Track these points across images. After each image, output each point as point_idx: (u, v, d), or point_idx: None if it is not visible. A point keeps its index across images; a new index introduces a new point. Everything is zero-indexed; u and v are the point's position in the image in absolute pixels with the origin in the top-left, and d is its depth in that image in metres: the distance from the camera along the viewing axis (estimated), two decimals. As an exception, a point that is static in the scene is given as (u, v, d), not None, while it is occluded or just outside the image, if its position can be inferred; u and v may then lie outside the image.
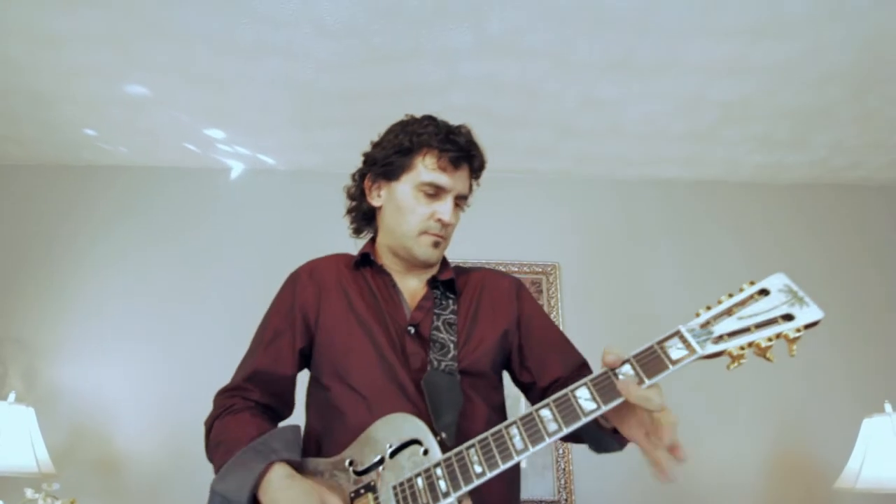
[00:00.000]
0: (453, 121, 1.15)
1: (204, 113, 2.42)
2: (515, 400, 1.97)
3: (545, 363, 1.07)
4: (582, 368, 1.06)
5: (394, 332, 1.02)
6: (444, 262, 1.16)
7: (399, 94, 2.30)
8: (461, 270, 1.18)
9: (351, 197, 1.20)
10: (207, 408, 2.64)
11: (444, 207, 1.04)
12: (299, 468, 0.89)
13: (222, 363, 2.53)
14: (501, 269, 2.66)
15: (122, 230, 2.67)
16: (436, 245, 1.06)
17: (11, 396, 2.05)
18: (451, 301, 1.08)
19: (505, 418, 1.05)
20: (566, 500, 2.31)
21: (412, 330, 1.02)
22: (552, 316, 2.60)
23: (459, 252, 1.43)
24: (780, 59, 2.10)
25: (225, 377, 2.64)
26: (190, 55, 2.09)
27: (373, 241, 1.17)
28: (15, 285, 2.55)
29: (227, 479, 0.86)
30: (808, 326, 0.73)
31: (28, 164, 2.76)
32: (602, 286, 2.67)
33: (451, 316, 1.06)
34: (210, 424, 1.02)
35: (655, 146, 2.64)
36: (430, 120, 1.10)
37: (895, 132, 2.52)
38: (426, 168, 1.05)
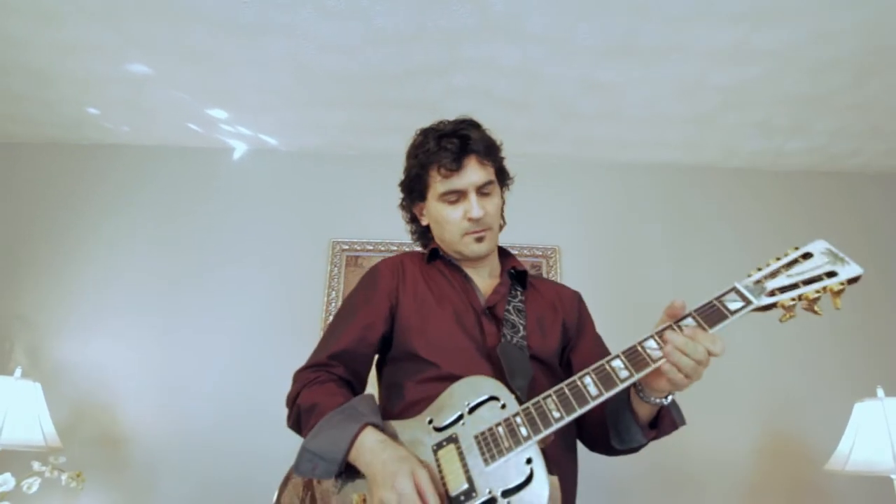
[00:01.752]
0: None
1: (206, 92, 2.43)
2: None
3: (587, 364, 1.14)
4: None
5: (472, 312, 1.11)
6: (512, 256, 1.26)
7: (401, 76, 2.30)
8: (533, 275, 1.27)
9: (408, 222, 1.30)
10: (209, 385, 2.70)
11: (469, 206, 1.11)
12: (384, 432, 0.94)
13: (224, 341, 2.60)
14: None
15: (125, 209, 2.69)
16: (479, 240, 1.14)
17: (18, 372, 2.08)
18: (519, 291, 1.17)
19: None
20: (561, 478, 2.36)
21: (488, 311, 1.11)
22: (550, 299, 2.64)
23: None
24: (782, 45, 2.10)
25: (227, 354, 2.69)
26: (191, 34, 2.09)
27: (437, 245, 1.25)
28: (19, 264, 2.58)
29: (320, 438, 0.92)
30: (850, 281, 0.83)
31: (30, 143, 2.77)
32: (602, 269, 2.70)
33: (520, 304, 1.14)
34: (295, 396, 1.05)
35: (655, 130, 2.65)
36: (426, 135, 1.18)
37: (894, 119, 2.52)
38: (437, 182, 1.13)
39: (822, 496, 2.35)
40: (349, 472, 0.93)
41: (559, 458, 0.95)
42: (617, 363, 0.85)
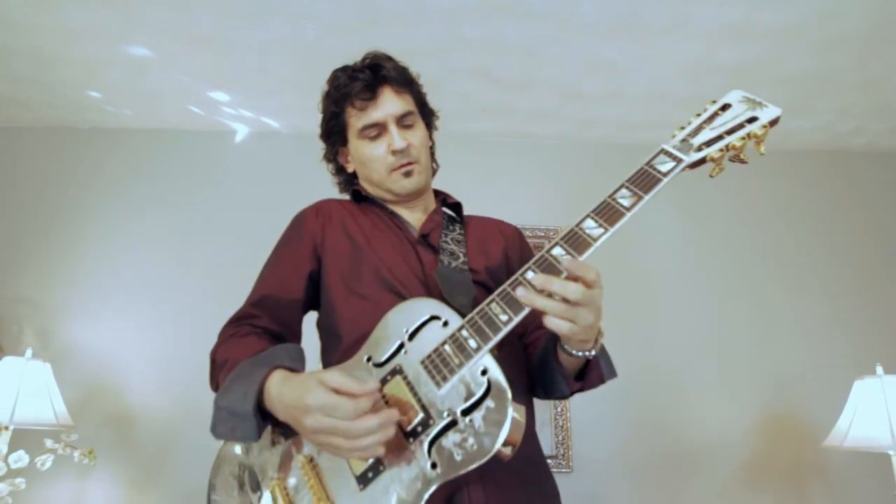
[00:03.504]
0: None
1: (207, 75, 2.43)
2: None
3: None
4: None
5: (406, 243, 1.04)
6: (445, 194, 1.19)
7: (401, 55, 2.27)
8: (470, 215, 1.20)
9: (335, 175, 1.23)
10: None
11: (391, 138, 1.04)
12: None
13: (227, 319, 2.60)
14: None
15: (129, 192, 2.71)
16: (408, 174, 1.06)
17: (28, 353, 2.11)
18: (457, 226, 1.11)
19: (516, 339, 1.04)
20: (563, 455, 2.39)
21: (423, 239, 1.04)
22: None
23: (460, 213, 1.45)
24: (786, 23, 2.08)
25: None
26: (191, 16, 2.09)
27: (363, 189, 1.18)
28: (26, 247, 2.61)
29: (231, 391, 0.84)
30: (771, 123, 0.83)
31: (34, 127, 2.78)
32: (602, 250, 2.69)
33: (459, 235, 1.08)
34: (214, 353, 1.00)
35: (658, 111, 2.63)
36: (337, 73, 1.12)
37: (901, 98, 2.50)
38: (353, 117, 1.07)
39: (821, 472, 2.38)
40: (284, 430, 0.86)
41: (518, 384, 0.86)
42: (557, 250, 0.80)
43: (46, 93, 2.55)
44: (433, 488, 0.72)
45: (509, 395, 0.72)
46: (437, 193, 1.20)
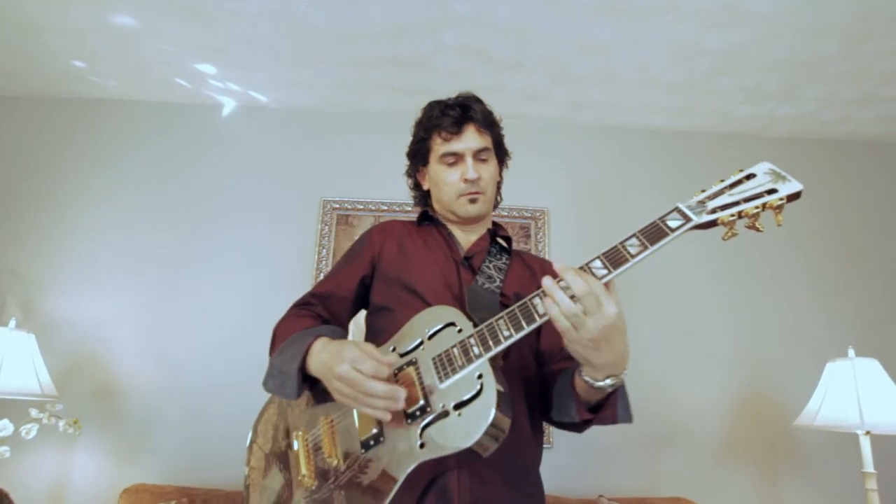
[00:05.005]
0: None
1: (194, 47, 2.39)
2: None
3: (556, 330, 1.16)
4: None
5: (451, 262, 1.18)
6: (502, 227, 1.32)
7: (392, 32, 2.27)
8: (521, 251, 1.33)
9: (412, 189, 1.37)
10: (200, 337, 2.75)
11: (466, 168, 1.19)
12: None
13: (215, 296, 2.64)
14: (491, 212, 2.71)
15: (114, 164, 2.69)
16: (473, 201, 1.21)
17: (12, 323, 2.11)
18: (504, 256, 1.23)
19: (537, 366, 1.16)
20: (545, 431, 2.44)
21: (466, 262, 1.19)
22: (538, 260, 2.69)
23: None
24: (775, 9, 2.09)
25: (218, 309, 2.74)
26: (179, -14, 2.05)
27: (432, 208, 1.33)
28: (9, 218, 2.59)
29: (283, 353, 1.02)
30: (790, 198, 0.85)
31: (16, 96, 2.74)
32: (590, 232, 2.73)
33: (503, 265, 1.20)
34: (276, 328, 1.16)
35: (647, 94, 2.64)
36: (432, 106, 1.27)
37: (886, 86, 2.53)
38: (438, 144, 1.22)
39: (792, 450, 2.46)
40: (318, 396, 1.03)
41: (519, 404, 1.02)
42: (566, 283, 0.88)
43: (30, 61, 2.51)
44: (416, 463, 0.87)
45: (495, 396, 0.85)
46: (495, 225, 1.32)
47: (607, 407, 0.97)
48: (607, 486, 2.35)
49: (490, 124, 1.25)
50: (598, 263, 0.88)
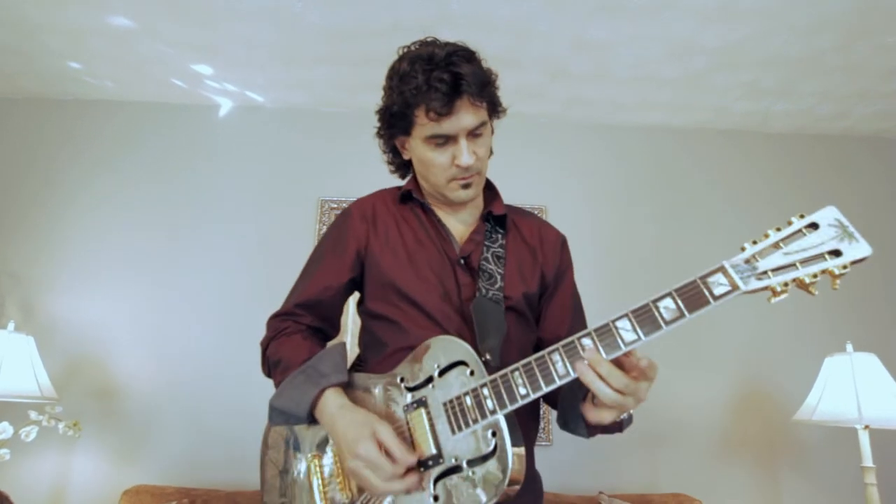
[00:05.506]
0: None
1: (190, 48, 2.39)
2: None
3: (557, 319, 1.13)
4: None
5: (447, 262, 1.07)
6: (496, 194, 1.18)
7: (388, 31, 2.27)
8: (515, 210, 1.20)
9: (386, 153, 1.17)
10: (199, 337, 2.74)
11: (459, 151, 1.01)
12: (350, 385, 0.99)
13: (215, 296, 2.64)
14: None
15: (112, 165, 2.68)
16: (466, 187, 1.05)
17: (11, 325, 2.11)
18: (500, 235, 1.11)
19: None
20: (543, 429, 2.45)
21: (462, 262, 1.07)
22: (537, 258, 2.69)
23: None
24: (771, 6, 2.09)
25: (217, 309, 2.74)
26: (175, -14, 2.05)
27: (415, 178, 1.16)
28: (8, 220, 2.58)
29: (283, 398, 0.98)
30: (854, 263, 0.74)
31: (13, 98, 2.73)
32: (588, 230, 2.73)
33: (500, 250, 1.09)
34: (266, 345, 1.09)
35: (645, 91, 2.64)
36: (413, 64, 1.01)
37: (883, 82, 2.53)
38: (423, 124, 1.01)
39: (791, 445, 2.47)
40: None
41: (524, 424, 0.96)
42: (587, 342, 0.81)
43: (26, 62, 2.50)
44: None
45: (510, 461, 0.82)
46: (488, 197, 1.17)
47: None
48: (607, 483, 2.36)
49: (485, 88, 1.03)
50: (626, 324, 0.79)
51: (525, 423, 0.99)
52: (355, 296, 1.18)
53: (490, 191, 1.19)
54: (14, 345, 2.07)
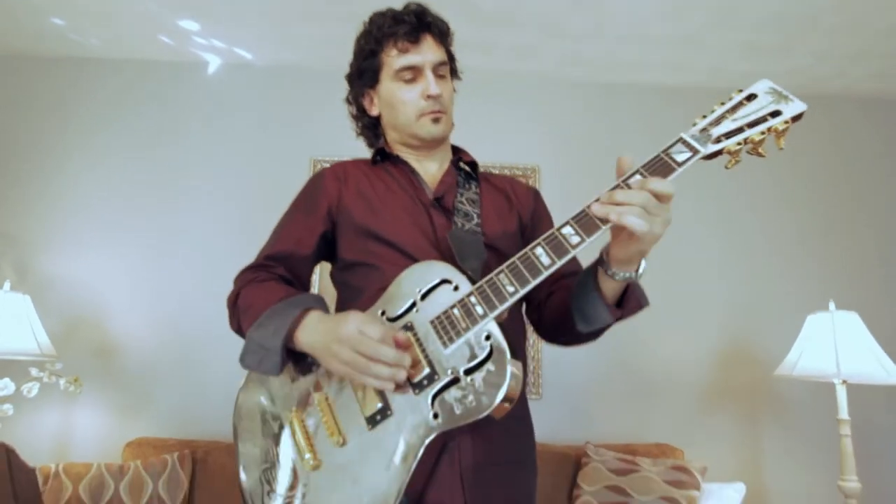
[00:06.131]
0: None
1: (177, 3, 2.33)
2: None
3: None
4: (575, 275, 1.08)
5: (419, 205, 1.07)
6: (462, 150, 1.19)
7: (379, -14, 2.22)
8: (484, 171, 1.21)
9: (356, 119, 1.22)
10: (193, 292, 2.76)
11: (426, 83, 1.06)
12: None
13: (208, 254, 2.66)
14: (482, 169, 2.70)
15: (102, 124, 2.65)
16: (436, 121, 1.08)
17: (6, 285, 2.13)
18: (473, 184, 1.13)
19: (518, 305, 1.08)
20: (533, 383, 2.53)
21: (437, 203, 1.07)
22: (529, 218, 2.71)
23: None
24: (771, -41, 2.05)
25: (207, 261, 2.76)
26: (158, -63, 1.99)
27: (385, 142, 1.19)
28: (-2, 179, 2.58)
29: (264, 326, 0.93)
30: (794, 119, 0.82)
31: (-3, 54, 2.68)
32: (581, 189, 2.70)
33: (474, 195, 1.10)
34: (235, 296, 1.06)
35: (640, 50, 2.61)
36: (378, 15, 1.12)
37: (881, 42, 2.50)
38: (392, 57, 1.08)
39: (772, 399, 2.55)
40: (303, 370, 0.95)
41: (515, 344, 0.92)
42: (567, 229, 0.82)
43: (8, 18, 2.44)
44: (433, 435, 0.81)
45: (509, 357, 0.80)
46: (454, 150, 1.20)
47: (630, 297, 0.93)
48: (594, 434, 2.45)
49: (445, 36, 1.13)
50: (595, 205, 0.82)
51: (516, 343, 0.97)
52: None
53: (457, 151, 1.20)
54: (11, 304, 2.09)
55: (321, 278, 2.50)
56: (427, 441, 0.81)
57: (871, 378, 1.97)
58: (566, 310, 0.98)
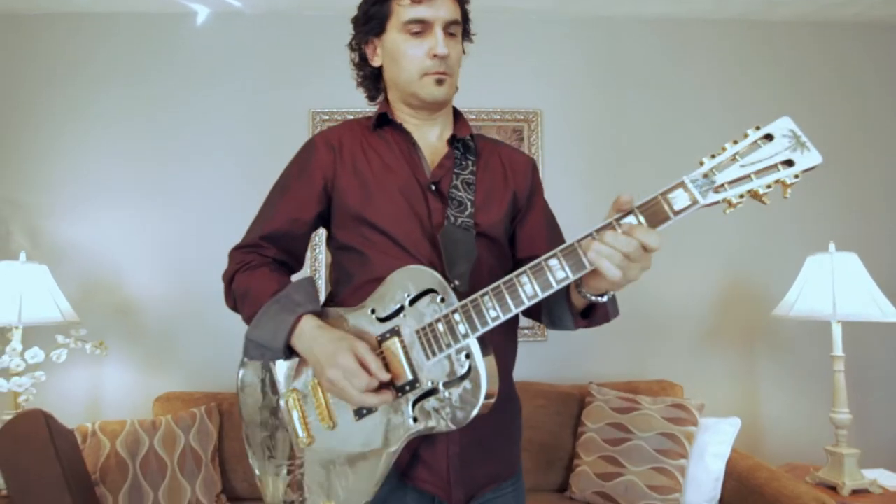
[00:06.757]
0: None
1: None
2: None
3: (532, 237, 1.12)
4: None
5: (417, 186, 1.05)
6: (461, 119, 1.16)
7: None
8: (484, 137, 1.19)
9: (357, 67, 1.16)
10: (205, 247, 2.80)
11: (435, 41, 1.01)
12: (322, 317, 0.99)
13: (209, 203, 2.67)
14: (483, 116, 2.67)
15: (94, 82, 2.61)
16: (439, 83, 1.04)
17: (22, 256, 2.18)
18: (470, 162, 1.10)
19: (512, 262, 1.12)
20: (539, 327, 2.62)
21: (433, 187, 1.05)
22: (532, 163, 2.69)
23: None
24: None
25: (212, 215, 2.77)
26: None
27: (387, 100, 1.15)
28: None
29: (260, 330, 0.98)
30: (805, 171, 0.78)
31: (-21, 13, 2.58)
32: (585, 132, 2.71)
33: (470, 176, 1.08)
34: (230, 278, 1.08)
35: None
36: None
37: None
38: (403, 7, 1.01)
39: (769, 337, 2.64)
40: (298, 355, 1.01)
41: (498, 338, 0.98)
42: (554, 262, 0.83)
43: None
44: (411, 434, 0.91)
45: (485, 382, 0.86)
46: (455, 115, 1.17)
47: (598, 309, 0.97)
48: (597, 373, 2.57)
49: (466, 0, 1.07)
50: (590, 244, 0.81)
51: (502, 346, 1.03)
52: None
53: (457, 117, 1.18)
54: (30, 274, 2.15)
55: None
56: (407, 438, 0.91)
57: (866, 317, 2.04)
58: (538, 305, 1.00)
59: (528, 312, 1.07)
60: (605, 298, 0.91)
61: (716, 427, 2.15)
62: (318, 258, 2.52)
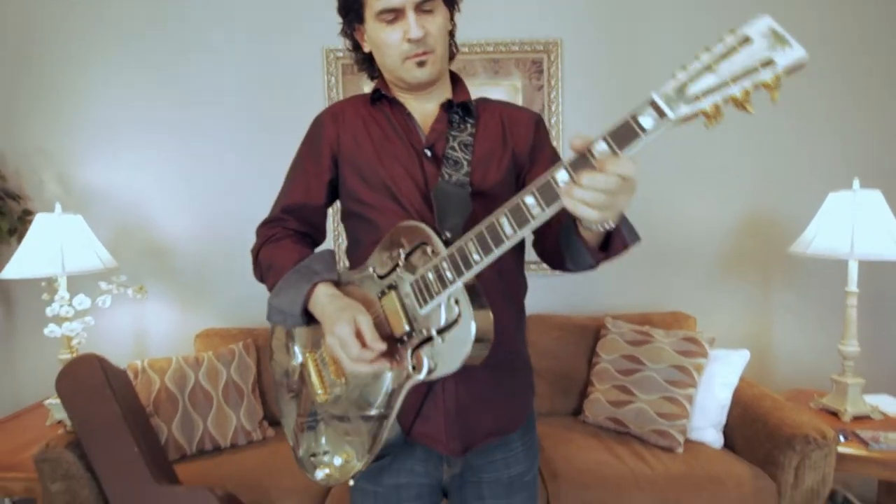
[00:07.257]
0: None
1: None
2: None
3: None
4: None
5: (413, 153, 1.09)
6: (460, 84, 1.18)
7: None
8: (483, 99, 1.20)
9: (351, 50, 1.18)
10: (232, 187, 2.84)
11: (407, 26, 1.02)
12: (338, 284, 1.06)
13: (228, 144, 2.73)
14: (501, 48, 2.58)
15: (111, 27, 2.57)
16: (421, 64, 1.06)
17: (58, 208, 2.27)
18: (468, 124, 1.12)
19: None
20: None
21: (428, 153, 1.08)
22: (552, 96, 2.62)
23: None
24: None
25: (233, 156, 2.82)
26: None
27: (383, 78, 1.17)
28: (25, 99, 2.60)
29: (281, 296, 1.05)
30: (789, 72, 0.68)
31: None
32: (606, 62, 2.61)
33: (468, 138, 1.10)
34: (257, 252, 1.17)
35: None
36: None
37: None
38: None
39: (786, 271, 2.65)
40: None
41: (494, 294, 1.00)
42: (529, 199, 0.82)
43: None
44: (412, 383, 0.95)
45: (474, 325, 0.88)
46: (454, 81, 1.18)
47: (614, 239, 0.95)
48: (613, 304, 2.65)
49: None
50: (563, 175, 0.79)
51: (503, 307, 1.04)
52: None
53: (456, 82, 1.18)
54: (67, 225, 2.25)
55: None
56: (408, 387, 0.96)
57: (883, 255, 2.04)
58: (559, 249, 1.04)
59: (550, 262, 1.13)
60: (611, 225, 0.87)
61: (726, 358, 2.24)
62: (340, 232, 2.56)
